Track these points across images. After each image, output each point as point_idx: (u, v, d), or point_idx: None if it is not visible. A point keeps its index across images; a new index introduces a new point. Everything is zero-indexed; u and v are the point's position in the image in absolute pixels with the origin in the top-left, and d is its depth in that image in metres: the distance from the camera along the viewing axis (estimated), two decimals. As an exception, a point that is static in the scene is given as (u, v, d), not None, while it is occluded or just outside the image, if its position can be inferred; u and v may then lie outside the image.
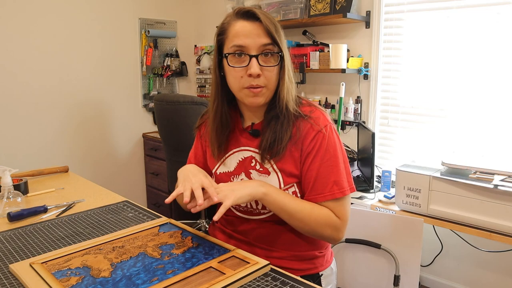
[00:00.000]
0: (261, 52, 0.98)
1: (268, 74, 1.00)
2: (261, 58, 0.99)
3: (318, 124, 1.04)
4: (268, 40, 0.98)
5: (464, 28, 2.17)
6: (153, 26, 3.41)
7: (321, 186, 1.02)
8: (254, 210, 1.10)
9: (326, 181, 1.02)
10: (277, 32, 1.00)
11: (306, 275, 1.10)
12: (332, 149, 1.03)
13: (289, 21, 2.70)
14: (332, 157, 1.03)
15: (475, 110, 2.19)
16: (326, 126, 1.04)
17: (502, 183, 1.68)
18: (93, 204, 1.43)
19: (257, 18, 0.98)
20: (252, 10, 0.99)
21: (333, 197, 1.02)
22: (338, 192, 1.02)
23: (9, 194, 1.32)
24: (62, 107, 2.99)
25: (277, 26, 1.01)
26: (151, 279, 0.87)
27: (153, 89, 3.47)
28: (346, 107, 2.61)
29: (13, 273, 0.94)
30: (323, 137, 1.03)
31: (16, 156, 2.80)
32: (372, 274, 1.86)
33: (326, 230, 1.02)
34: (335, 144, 1.04)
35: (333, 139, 1.04)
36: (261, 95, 1.01)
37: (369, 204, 2.14)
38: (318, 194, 1.03)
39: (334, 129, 1.07)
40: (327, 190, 1.02)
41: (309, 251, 1.12)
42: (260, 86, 1.00)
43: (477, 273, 2.28)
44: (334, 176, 1.02)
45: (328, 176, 1.02)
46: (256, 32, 0.98)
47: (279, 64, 1.01)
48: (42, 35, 2.83)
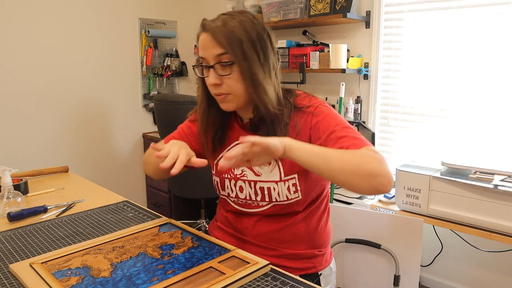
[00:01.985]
0: (217, 62, 0.99)
1: (229, 82, 1.01)
2: (218, 68, 1.00)
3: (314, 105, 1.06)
4: (220, 50, 0.98)
5: (464, 28, 2.17)
6: (153, 26, 3.41)
7: (342, 145, 0.97)
8: (253, 203, 1.11)
9: (345, 139, 0.97)
10: (229, 40, 0.97)
11: (304, 274, 1.11)
12: (335, 117, 1.04)
13: (289, 21, 2.70)
14: (339, 123, 1.01)
15: (475, 110, 2.19)
16: (320, 104, 1.06)
17: (502, 183, 1.68)
18: (93, 204, 1.43)
19: (206, 29, 1.00)
20: (204, 22, 1.01)
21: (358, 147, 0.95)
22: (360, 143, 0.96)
23: (9, 194, 1.32)
24: (62, 107, 2.99)
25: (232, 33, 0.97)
26: (151, 279, 0.87)
27: (153, 89, 3.47)
28: (346, 107, 2.61)
29: (13, 273, 0.94)
30: (322, 111, 1.04)
31: (16, 156, 2.80)
32: (372, 274, 1.86)
33: (372, 163, 0.88)
34: (334, 113, 1.05)
35: (330, 109, 1.06)
36: (229, 101, 1.03)
37: (369, 204, 2.14)
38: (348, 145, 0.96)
39: (328, 105, 1.08)
40: (349, 144, 0.96)
41: (308, 249, 1.12)
42: (223, 94, 1.02)
43: (477, 273, 2.28)
44: (350, 133, 0.98)
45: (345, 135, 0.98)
46: (210, 43, 0.99)
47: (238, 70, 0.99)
48: (42, 35, 2.83)
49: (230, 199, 1.16)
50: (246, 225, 1.13)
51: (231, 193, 1.14)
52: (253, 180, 1.09)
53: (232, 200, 1.15)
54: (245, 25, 1.00)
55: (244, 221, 1.13)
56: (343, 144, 0.96)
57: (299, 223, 1.11)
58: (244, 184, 1.10)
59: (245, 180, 1.10)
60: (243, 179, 1.11)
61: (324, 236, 1.16)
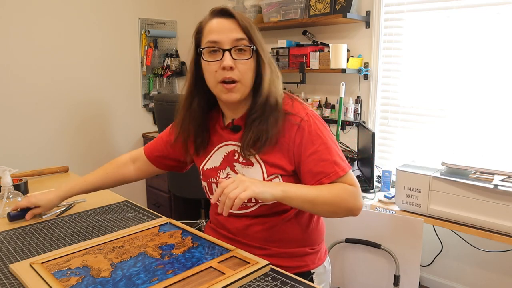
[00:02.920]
0: (234, 46, 1.01)
1: (242, 68, 1.01)
2: (234, 52, 1.01)
3: (299, 115, 1.05)
4: (241, 35, 1.00)
5: (464, 28, 2.17)
6: (153, 26, 3.41)
7: (322, 170, 1.03)
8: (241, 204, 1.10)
9: (325, 164, 1.03)
10: (251, 28, 1.02)
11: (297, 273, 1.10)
12: (320, 133, 1.04)
13: (289, 21, 2.70)
14: (323, 140, 1.04)
15: (475, 110, 2.19)
16: (306, 115, 1.05)
17: (502, 183, 1.68)
18: (93, 204, 1.43)
19: (231, 14, 1.02)
20: (226, 8, 1.03)
21: (337, 176, 1.03)
22: (340, 171, 1.03)
23: (9, 194, 1.32)
24: (62, 107, 2.99)
25: (251, 24, 1.03)
26: (151, 279, 0.87)
27: (153, 89, 3.47)
28: (346, 107, 2.61)
29: (13, 273, 0.94)
30: (308, 125, 1.04)
31: (16, 156, 2.79)
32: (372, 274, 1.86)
33: (350, 201, 1.02)
34: (321, 128, 1.05)
35: (317, 124, 1.05)
36: (236, 91, 1.02)
37: (369, 204, 2.14)
38: (323, 177, 1.03)
39: (316, 115, 1.08)
40: (330, 171, 1.02)
41: (300, 247, 1.12)
42: (234, 81, 1.01)
43: (477, 273, 2.28)
44: (331, 157, 1.03)
45: (326, 158, 1.03)
46: (229, 27, 1.01)
47: (254, 58, 1.03)
48: (42, 35, 2.83)
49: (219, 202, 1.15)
50: (236, 226, 1.13)
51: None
52: None
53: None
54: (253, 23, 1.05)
55: (235, 222, 1.13)
56: (324, 169, 1.02)
57: (290, 221, 1.11)
58: None
59: None
60: None
61: (316, 233, 1.16)
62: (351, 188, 1.03)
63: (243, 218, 1.12)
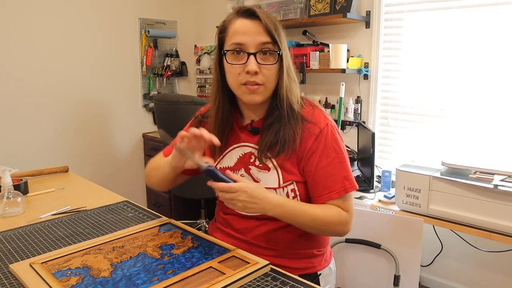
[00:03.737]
0: (260, 50, 0.99)
1: (267, 72, 1.00)
2: (259, 56, 1.00)
3: (319, 123, 1.05)
4: (267, 39, 0.99)
5: (464, 28, 2.17)
6: (153, 26, 3.41)
7: (333, 183, 1.04)
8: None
9: (336, 178, 1.04)
10: (277, 31, 1.01)
11: (304, 274, 1.10)
12: (336, 147, 1.05)
13: (289, 21, 2.70)
14: (339, 154, 1.05)
15: (475, 110, 2.19)
16: (327, 125, 1.06)
17: (502, 183, 1.68)
18: (93, 204, 1.43)
19: (257, 16, 0.99)
20: (252, 9, 1.01)
21: (346, 192, 1.04)
22: (350, 187, 1.05)
23: (9, 194, 1.32)
24: (62, 107, 2.99)
25: (277, 25, 1.02)
26: (151, 279, 0.87)
27: (153, 89, 3.47)
28: (346, 107, 2.61)
29: (13, 273, 0.94)
30: (326, 136, 1.04)
31: (16, 156, 2.79)
32: (372, 274, 1.86)
33: (337, 227, 1.05)
34: (338, 141, 1.06)
35: (335, 136, 1.06)
36: (258, 93, 1.02)
37: (369, 204, 2.14)
38: (331, 191, 1.04)
39: (335, 127, 1.08)
40: (339, 186, 1.04)
41: (307, 249, 1.12)
42: (257, 84, 1.00)
43: (477, 273, 2.28)
44: (343, 172, 1.05)
45: (338, 173, 1.04)
46: (255, 30, 0.99)
47: (278, 63, 1.02)
48: (42, 35, 2.83)
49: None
50: (245, 226, 1.13)
51: None
52: None
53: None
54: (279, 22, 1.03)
55: (243, 222, 1.13)
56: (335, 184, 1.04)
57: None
58: None
59: None
60: None
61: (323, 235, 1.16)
62: (345, 215, 1.05)
63: (252, 219, 1.12)
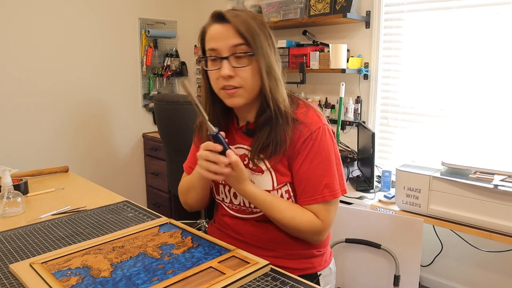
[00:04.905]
0: (232, 53, 0.98)
1: (242, 74, 0.99)
2: (233, 59, 0.98)
3: (311, 125, 1.03)
4: (239, 41, 0.97)
5: (464, 28, 2.17)
6: (153, 26, 3.41)
7: (312, 189, 1.02)
8: (247, 209, 1.10)
9: (317, 184, 1.02)
10: (250, 32, 0.97)
11: (303, 274, 1.10)
12: (324, 152, 1.02)
13: (289, 21, 2.70)
14: (324, 160, 1.02)
15: (475, 110, 2.19)
16: (319, 128, 1.03)
17: (502, 183, 1.68)
18: (93, 204, 1.43)
19: (227, 20, 0.98)
20: (222, 13, 0.99)
21: (324, 199, 1.02)
22: (329, 195, 1.02)
23: (9, 194, 1.32)
24: (62, 107, 2.99)
25: (251, 25, 0.98)
26: (151, 279, 0.87)
27: (153, 89, 3.47)
28: (346, 107, 2.61)
29: (13, 273, 0.94)
30: (315, 140, 1.02)
31: (16, 156, 2.80)
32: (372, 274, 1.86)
33: (306, 235, 1.05)
34: (328, 146, 1.03)
35: (325, 141, 1.03)
36: (238, 96, 1.01)
37: (369, 204, 2.14)
38: (309, 197, 1.03)
39: (329, 130, 1.05)
40: (318, 193, 1.02)
41: (307, 249, 1.12)
42: (235, 87, 0.99)
43: (477, 273, 2.28)
44: (326, 179, 1.02)
45: (320, 179, 1.02)
46: (226, 34, 0.97)
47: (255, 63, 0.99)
48: (42, 35, 2.83)
49: (225, 204, 1.15)
50: (243, 227, 1.13)
51: (226, 198, 1.14)
52: None
53: (227, 205, 1.15)
54: (256, 20, 1.01)
55: (241, 224, 1.13)
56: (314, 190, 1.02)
57: None
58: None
59: None
60: None
61: None
62: (318, 224, 1.03)
63: (251, 221, 1.12)
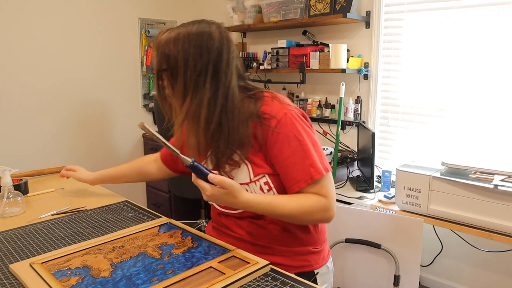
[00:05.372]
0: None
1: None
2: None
3: (276, 114, 1.02)
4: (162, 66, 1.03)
5: (464, 28, 2.17)
6: (153, 26, 3.41)
7: (298, 173, 1.02)
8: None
9: (301, 167, 1.02)
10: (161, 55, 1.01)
11: (300, 272, 1.10)
12: (298, 134, 1.02)
13: (289, 21, 2.70)
14: (301, 142, 1.02)
15: (475, 110, 2.19)
16: (284, 115, 1.02)
17: (502, 183, 1.68)
18: (93, 204, 1.43)
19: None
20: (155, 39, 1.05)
21: (312, 179, 1.01)
22: (316, 173, 1.02)
23: (9, 194, 1.32)
24: (62, 107, 2.99)
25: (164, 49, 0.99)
26: (151, 279, 0.87)
27: (153, 89, 3.47)
28: (346, 107, 2.61)
29: (13, 273, 0.94)
30: (284, 126, 1.01)
31: (16, 156, 2.79)
32: (372, 274, 1.86)
33: (318, 215, 1.03)
34: (298, 129, 1.02)
35: (294, 124, 1.02)
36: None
37: (369, 204, 2.14)
38: (298, 181, 1.02)
39: (296, 114, 1.04)
40: (305, 174, 1.01)
41: (303, 246, 1.12)
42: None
43: (477, 273, 2.29)
44: (308, 159, 1.02)
45: (303, 160, 1.01)
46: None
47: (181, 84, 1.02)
48: (42, 35, 2.83)
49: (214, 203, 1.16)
50: (237, 224, 1.13)
51: None
52: None
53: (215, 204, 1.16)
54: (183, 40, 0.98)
55: (234, 221, 1.13)
56: (300, 173, 1.02)
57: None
58: None
59: None
60: None
61: (318, 232, 1.16)
62: (324, 201, 1.02)
63: (246, 219, 1.12)
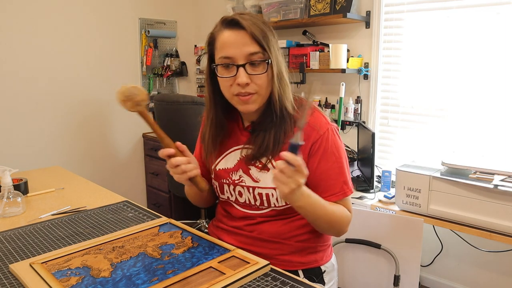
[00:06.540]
0: (248, 61, 0.98)
1: (258, 81, 1.00)
2: (248, 67, 0.99)
3: (320, 127, 1.06)
4: (255, 49, 0.98)
5: (464, 28, 2.17)
6: (153, 26, 3.41)
7: (332, 187, 1.06)
8: (253, 205, 1.11)
9: (336, 182, 1.06)
10: (265, 38, 0.99)
11: (308, 268, 1.11)
12: (336, 151, 1.06)
13: (289, 21, 2.70)
14: (338, 159, 1.07)
15: (475, 110, 2.19)
16: (327, 130, 1.06)
17: (502, 183, 1.68)
18: (93, 204, 1.43)
19: (242, 26, 0.98)
20: (235, 19, 0.99)
21: (345, 195, 1.07)
22: (348, 191, 1.08)
23: (9, 194, 1.32)
24: (62, 107, 2.99)
25: (265, 31, 1.00)
26: (151, 279, 0.88)
27: (153, 89, 3.47)
28: (346, 107, 2.61)
29: (13, 273, 0.94)
30: (326, 141, 1.05)
31: (16, 156, 2.80)
32: (372, 274, 1.86)
33: (343, 226, 1.07)
34: (338, 145, 1.08)
35: (336, 140, 1.07)
36: (252, 102, 1.02)
37: (369, 204, 2.14)
38: (332, 194, 1.06)
39: (336, 130, 1.09)
40: (338, 190, 1.06)
41: (313, 243, 1.13)
42: (250, 93, 1.01)
43: (477, 273, 2.28)
44: (342, 176, 1.07)
45: (338, 177, 1.06)
46: (242, 41, 0.98)
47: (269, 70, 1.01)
48: (42, 35, 2.83)
49: (230, 201, 1.16)
50: (248, 223, 1.13)
51: (231, 197, 1.15)
52: (252, 186, 1.09)
53: (233, 201, 1.16)
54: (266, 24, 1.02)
55: (246, 220, 1.14)
56: (334, 187, 1.06)
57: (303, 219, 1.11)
58: (242, 190, 1.11)
59: (244, 185, 1.10)
60: (241, 184, 1.10)
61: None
62: (348, 214, 1.08)
63: (253, 218, 1.12)
